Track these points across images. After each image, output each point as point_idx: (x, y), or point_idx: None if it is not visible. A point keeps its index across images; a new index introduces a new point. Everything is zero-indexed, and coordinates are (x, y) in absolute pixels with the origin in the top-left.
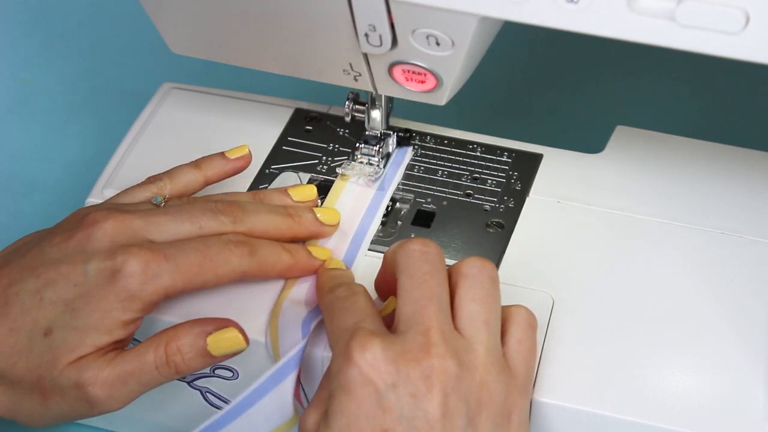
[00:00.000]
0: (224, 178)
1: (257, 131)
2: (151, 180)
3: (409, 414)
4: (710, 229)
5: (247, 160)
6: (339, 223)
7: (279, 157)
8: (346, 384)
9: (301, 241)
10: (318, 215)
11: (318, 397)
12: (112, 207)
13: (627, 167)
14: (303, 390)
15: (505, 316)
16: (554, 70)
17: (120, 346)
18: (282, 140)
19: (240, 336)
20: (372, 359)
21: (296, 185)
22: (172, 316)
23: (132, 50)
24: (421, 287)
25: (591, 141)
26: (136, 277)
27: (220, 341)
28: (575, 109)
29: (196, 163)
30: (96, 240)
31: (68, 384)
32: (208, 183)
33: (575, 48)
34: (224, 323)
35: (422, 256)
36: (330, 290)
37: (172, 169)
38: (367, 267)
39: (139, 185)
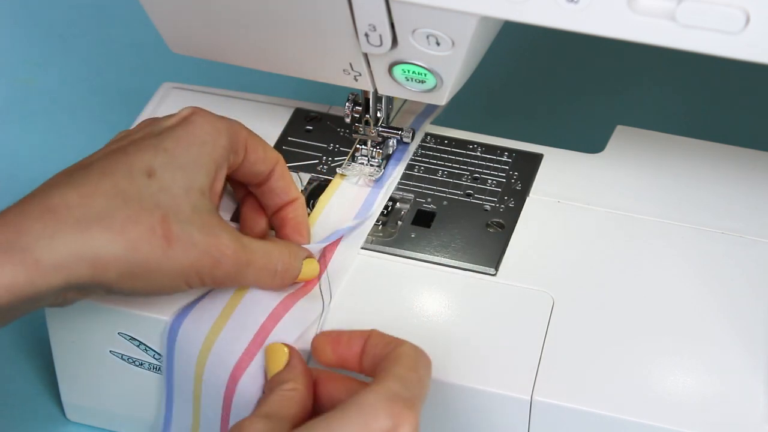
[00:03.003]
0: None
1: (257, 131)
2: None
3: None
4: (710, 229)
5: None
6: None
7: None
8: None
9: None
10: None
11: None
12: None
13: (627, 167)
14: None
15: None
16: (554, 69)
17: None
18: (282, 140)
19: (316, 264)
20: None
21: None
22: (166, 315)
23: (132, 50)
24: None
25: (591, 141)
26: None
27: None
28: (575, 109)
29: None
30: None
31: (198, 230)
32: None
33: (575, 48)
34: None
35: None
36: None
37: None
38: (361, 265)
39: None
